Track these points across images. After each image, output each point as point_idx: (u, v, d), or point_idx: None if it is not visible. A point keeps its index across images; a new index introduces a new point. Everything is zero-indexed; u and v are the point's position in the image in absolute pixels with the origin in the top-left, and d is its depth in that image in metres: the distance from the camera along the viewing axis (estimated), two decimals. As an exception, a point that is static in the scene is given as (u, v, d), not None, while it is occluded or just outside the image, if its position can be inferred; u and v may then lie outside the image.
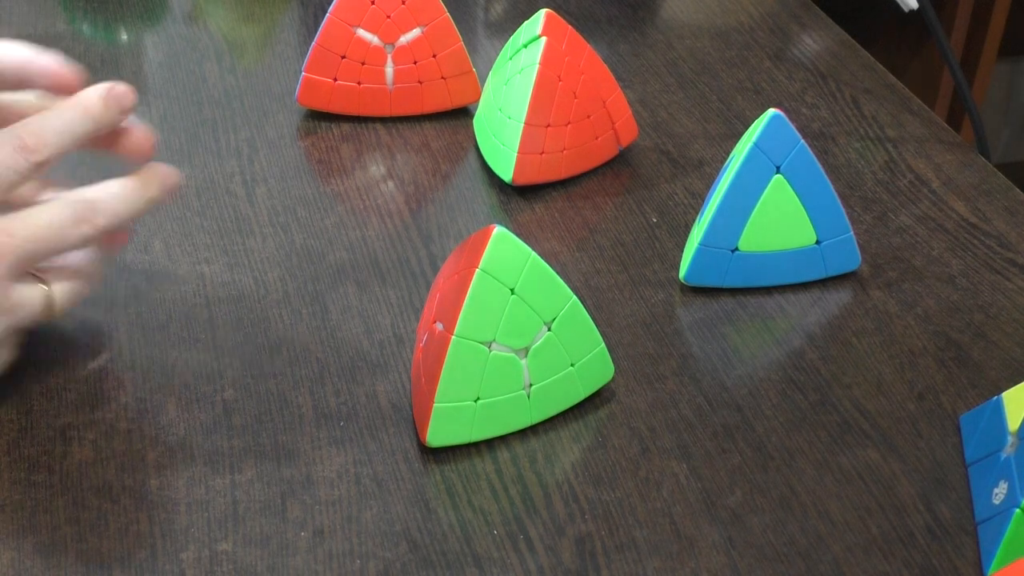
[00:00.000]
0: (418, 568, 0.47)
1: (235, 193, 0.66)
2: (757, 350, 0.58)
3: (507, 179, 0.67)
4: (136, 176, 0.54)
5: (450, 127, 0.73)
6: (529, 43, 0.67)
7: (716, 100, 0.77)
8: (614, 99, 0.69)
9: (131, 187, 0.53)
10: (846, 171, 0.71)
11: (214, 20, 0.83)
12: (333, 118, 0.73)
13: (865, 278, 0.63)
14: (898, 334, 0.59)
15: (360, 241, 0.64)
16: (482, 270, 0.49)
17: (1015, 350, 0.59)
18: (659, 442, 0.53)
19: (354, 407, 0.54)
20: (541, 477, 0.51)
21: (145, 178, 0.54)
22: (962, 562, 0.48)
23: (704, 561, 0.48)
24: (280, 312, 0.59)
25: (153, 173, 0.54)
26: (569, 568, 0.47)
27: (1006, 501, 0.48)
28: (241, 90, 0.75)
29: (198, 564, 0.47)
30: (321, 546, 0.48)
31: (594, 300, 0.60)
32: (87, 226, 0.51)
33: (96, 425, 0.52)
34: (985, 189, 0.70)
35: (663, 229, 0.66)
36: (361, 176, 0.69)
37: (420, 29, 0.71)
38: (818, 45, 0.84)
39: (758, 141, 0.58)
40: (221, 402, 0.54)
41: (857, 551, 0.49)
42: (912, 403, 0.56)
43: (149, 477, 0.50)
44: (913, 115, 0.77)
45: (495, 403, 0.51)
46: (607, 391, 0.55)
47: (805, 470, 0.52)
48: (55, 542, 0.47)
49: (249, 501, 0.49)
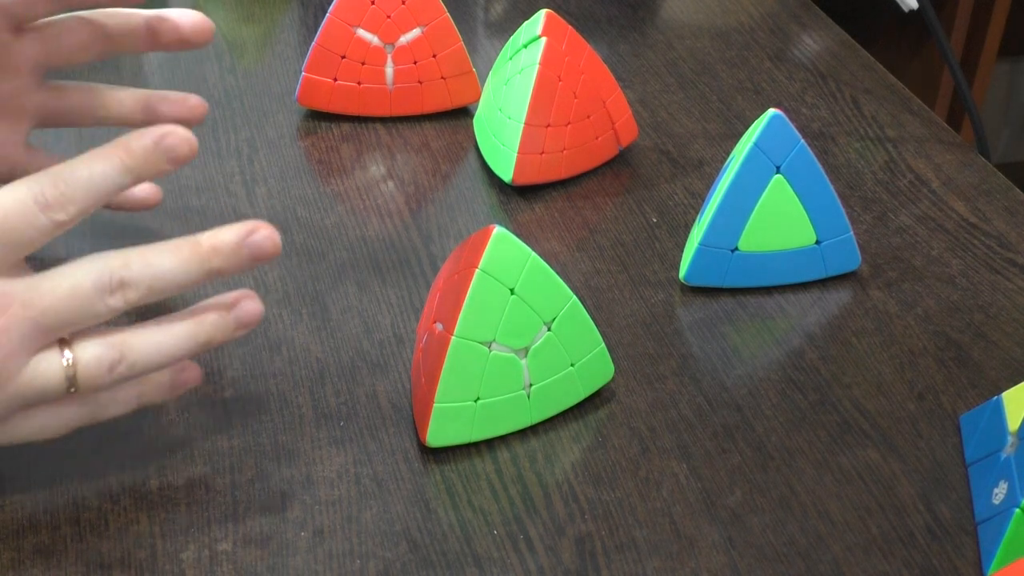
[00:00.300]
0: (418, 568, 0.47)
1: (235, 193, 0.66)
2: (757, 350, 0.58)
3: (507, 179, 0.67)
4: (196, 239, 0.45)
5: (450, 127, 0.73)
6: (529, 43, 0.67)
7: (716, 100, 0.77)
8: (614, 99, 0.69)
9: (185, 253, 0.45)
10: (846, 171, 0.71)
11: (214, 20, 0.83)
12: (333, 118, 0.73)
13: (865, 278, 0.63)
14: (898, 334, 0.59)
15: (360, 241, 0.64)
16: (482, 270, 0.49)
17: (1015, 350, 0.59)
18: (659, 442, 0.53)
19: (354, 407, 0.54)
20: (541, 477, 0.51)
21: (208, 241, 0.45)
22: (962, 562, 0.48)
23: (704, 561, 0.48)
24: (280, 312, 0.59)
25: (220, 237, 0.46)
26: (569, 568, 0.47)
27: (1006, 501, 0.48)
28: (241, 90, 0.75)
29: (198, 564, 0.47)
30: (321, 546, 0.48)
31: (594, 300, 0.60)
32: (118, 297, 0.44)
33: (96, 425, 0.52)
34: (985, 189, 0.70)
35: (663, 229, 0.66)
36: (361, 176, 0.69)
37: (420, 29, 0.71)
38: (818, 45, 0.84)
39: (758, 141, 0.58)
40: (221, 402, 0.54)
41: (857, 551, 0.49)
42: (912, 403, 0.56)
43: (149, 477, 0.50)
44: (913, 115, 0.77)
45: (495, 403, 0.51)
46: (607, 391, 0.55)
47: (805, 470, 0.52)
48: (55, 542, 0.47)
49: (249, 501, 0.49)
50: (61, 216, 0.44)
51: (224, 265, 0.46)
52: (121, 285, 0.44)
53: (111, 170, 0.44)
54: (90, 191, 0.44)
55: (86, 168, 0.44)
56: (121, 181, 0.45)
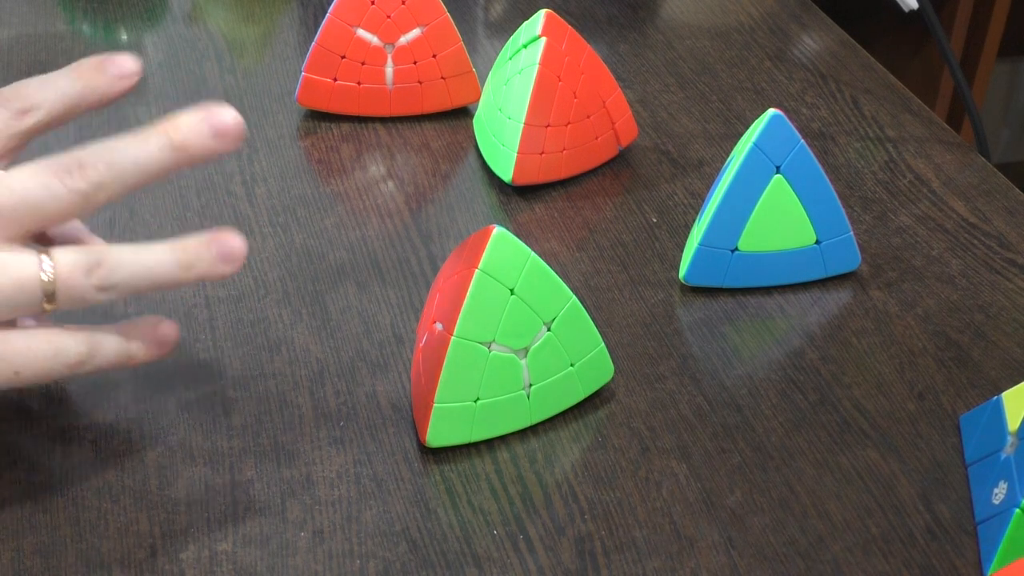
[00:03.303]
0: (418, 568, 0.47)
1: (235, 193, 0.66)
2: (757, 350, 0.59)
3: (507, 179, 0.67)
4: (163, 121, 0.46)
5: (450, 127, 0.73)
6: (529, 43, 0.67)
7: (716, 100, 0.77)
8: (614, 99, 0.69)
9: (144, 134, 0.46)
10: (846, 171, 0.71)
11: (214, 20, 0.83)
12: (333, 118, 0.73)
13: (865, 278, 0.63)
14: (898, 334, 0.59)
15: (360, 241, 0.64)
16: (482, 270, 0.49)
17: (1015, 350, 0.59)
18: (659, 442, 0.53)
19: (354, 407, 0.54)
20: (541, 477, 0.51)
21: (179, 120, 0.46)
22: (962, 562, 0.48)
23: (704, 561, 0.48)
24: (280, 312, 0.59)
25: (193, 115, 0.46)
26: (569, 568, 0.47)
27: (1006, 501, 0.48)
28: (241, 90, 0.75)
29: (198, 564, 0.47)
30: (321, 546, 0.48)
31: (594, 300, 0.60)
32: (76, 178, 0.45)
33: (96, 425, 0.52)
34: (985, 189, 0.70)
35: (663, 229, 0.66)
36: (361, 176, 0.69)
37: (420, 29, 0.71)
38: (818, 45, 0.84)
39: (758, 141, 0.58)
40: (221, 402, 0.54)
41: (857, 551, 0.49)
42: (912, 403, 0.56)
43: (149, 477, 0.50)
44: (913, 115, 0.77)
45: (495, 403, 0.51)
46: (607, 391, 0.55)
47: (805, 470, 0.52)
48: (55, 542, 0.47)
49: (249, 501, 0.49)
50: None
51: (184, 138, 0.46)
52: (80, 165, 0.45)
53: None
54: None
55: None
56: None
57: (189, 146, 0.46)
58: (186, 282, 0.47)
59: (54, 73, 0.48)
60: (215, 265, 0.47)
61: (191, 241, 0.47)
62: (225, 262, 0.47)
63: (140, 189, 0.47)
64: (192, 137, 0.46)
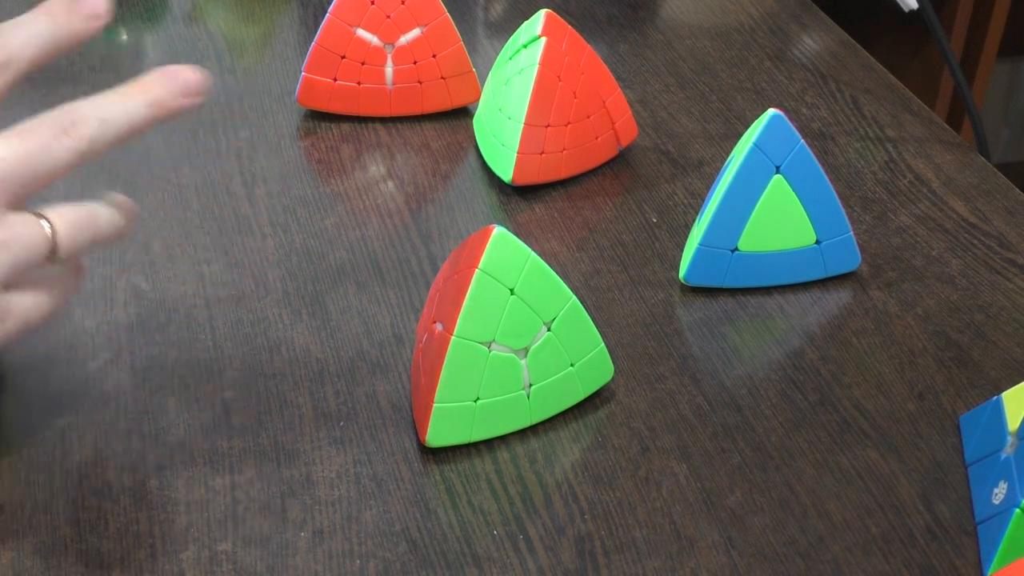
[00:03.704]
0: (418, 568, 0.47)
1: (235, 193, 0.66)
2: (757, 350, 0.58)
3: (507, 179, 0.67)
4: (134, 81, 0.47)
5: (450, 127, 0.73)
6: (529, 43, 0.67)
7: (716, 100, 0.77)
8: (614, 99, 0.69)
9: (124, 91, 0.46)
10: (846, 171, 0.71)
11: (214, 20, 0.83)
12: (333, 118, 0.73)
13: (865, 278, 0.63)
14: (898, 334, 0.59)
15: (360, 241, 0.64)
16: (482, 270, 0.49)
17: (1015, 350, 0.59)
18: (659, 442, 0.53)
19: (354, 407, 0.54)
20: (541, 477, 0.51)
21: (148, 79, 0.46)
22: (962, 562, 0.48)
23: (704, 561, 0.48)
24: (280, 312, 0.59)
25: (159, 74, 0.47)
26: (569, 568, 0.47)
27: (1006, 501, 0.48)
28: (241, 90, 0.75)
29: (198, 564, 0.47)
30: (321, 546, 0.48)
31: (594, 300, 0.60)
32: (72, 136, 0.45)
33: (96, 425, 0.52)
34: (985, 189, 0.70)
35: (663, 229, 0.66)
36: (361, 176, 0.69)
37: (420, 29, 0.71)
38: (818, 45, 0.84)
39: (758, 141, 0.58)
40: (221, 402, 0.54)
41: (857, 551, 0.49)
42: (912, 403, 0.56)
43: (149, 477, 0.50)
44: (913, 115, 0.77)
45: (495, 403, 0.51)
46: (607, 391, 0.55)
47: (805, 470, 0.52)
48: (55, 542, 0.47)
49: (249, 501, 0.49)
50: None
51: (158, 96, 0.47)
52: (73, 122, 0.45)
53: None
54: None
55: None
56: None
57: (164, 103, 0.47)
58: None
59: (25, 16, 0.47)
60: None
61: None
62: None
63: (120, 146, 0.47)
64: (165, 95, 0.47)
